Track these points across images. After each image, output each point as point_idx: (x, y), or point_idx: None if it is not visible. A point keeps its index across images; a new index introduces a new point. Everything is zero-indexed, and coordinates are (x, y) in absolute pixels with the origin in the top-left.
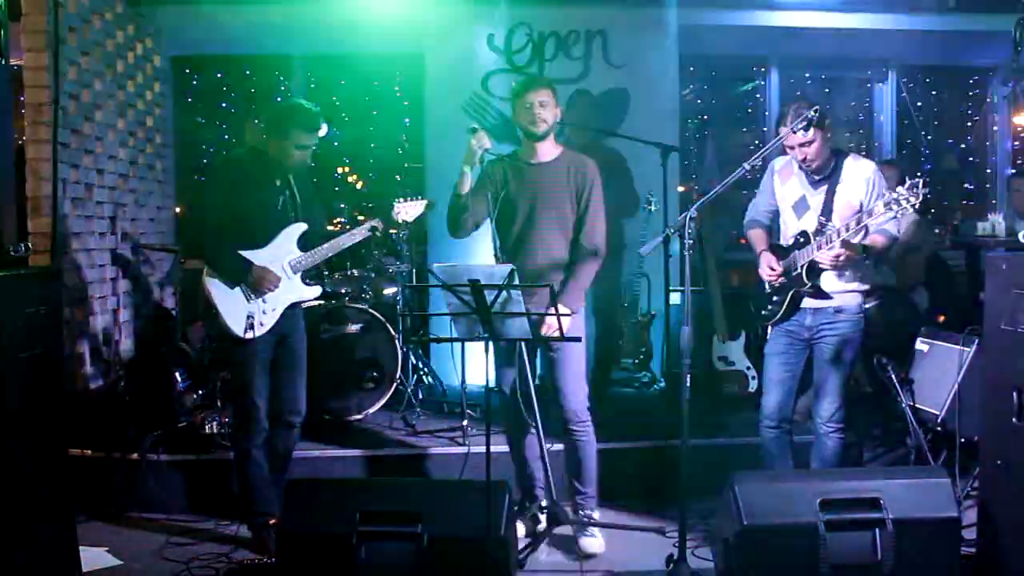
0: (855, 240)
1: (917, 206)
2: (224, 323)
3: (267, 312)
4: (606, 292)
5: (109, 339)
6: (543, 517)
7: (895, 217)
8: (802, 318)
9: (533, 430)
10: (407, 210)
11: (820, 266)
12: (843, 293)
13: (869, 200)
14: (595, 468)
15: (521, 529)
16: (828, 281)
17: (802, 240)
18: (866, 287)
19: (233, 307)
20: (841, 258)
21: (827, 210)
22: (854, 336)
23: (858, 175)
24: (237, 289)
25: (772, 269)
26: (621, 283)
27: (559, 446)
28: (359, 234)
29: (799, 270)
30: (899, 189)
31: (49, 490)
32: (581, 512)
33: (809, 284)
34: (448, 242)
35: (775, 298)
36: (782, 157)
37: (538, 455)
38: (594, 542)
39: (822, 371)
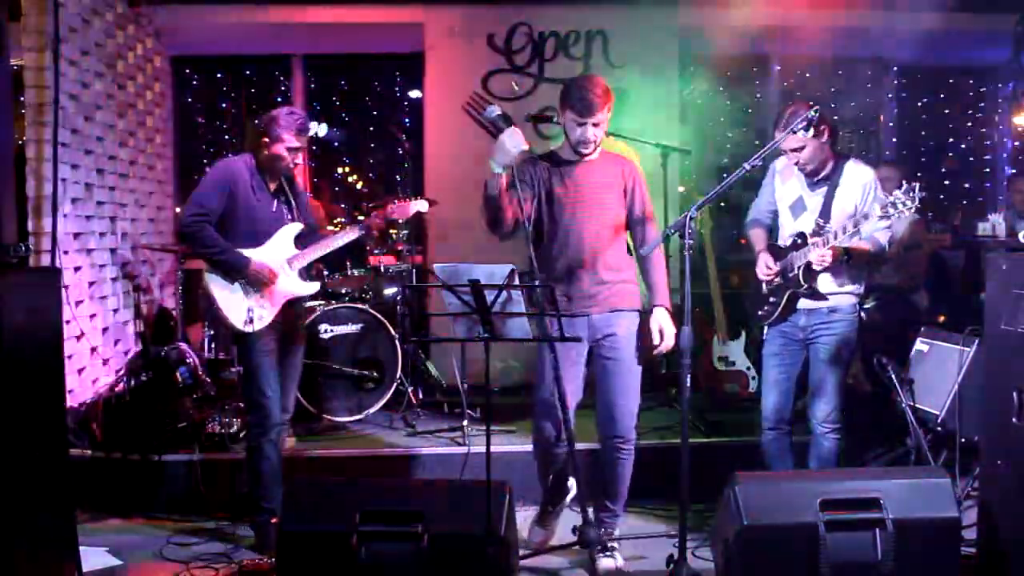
0: (847, 243)
1: (913, 211)
2: (224, 317)
3: (265, 307)
4: None
5: (109, 339)
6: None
7: (890, 225)
8: (797, 319)
9: (564, 444)
10: (400, 209)
11: (812, 266)
12: (838, 294)
13: (864, 205)
14: (627, 487)
15: (540, 534)
16: (824, 283)
17: (799, 242)
18: (861, 289)
19: (233, 301)
20: (826, 259)
21: (824, 212)
22: (849, 336)
23: (856, 180)
24: (236, 284)
25: (768, 268)
26: None
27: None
28: (354, 232)
29: (796, 271)
30: (896, 193)
31: (49, 490)
32: (604, 529)
33: (806, 286)
34: (448, 242)
35: (771, 299)
36: (784, 157)
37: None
38: (611, 562)
39: (818, 372)
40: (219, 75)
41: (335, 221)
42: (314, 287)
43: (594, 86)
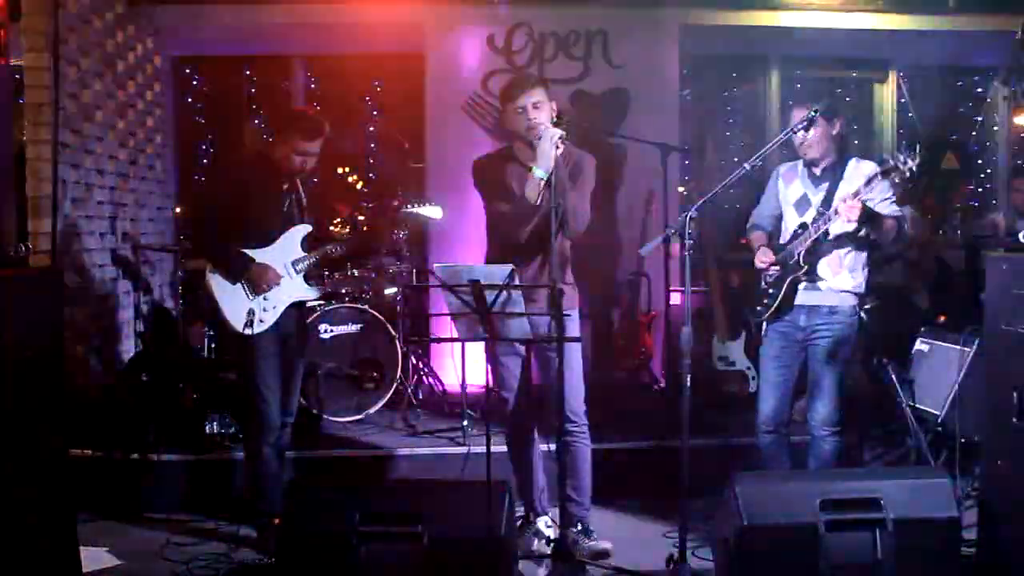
0: (855, 211)
1: (914, 168)
2: (224, 318)
3: (268, 310)
4: (604, 292)
5: (109, 339)
6: (548, 531)
7: (894, 202)
8: (796, 318)
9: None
10: (412, 216)
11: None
12: (839, 292)
13: (870, 193)
14: (590, 475)
15: (535, 541)
16: (826, 272)
17: (800, 232)
18: (862, 288)
19: (234, 303)
20: (854, 210)
21: (827, 205)
22: (849, 337)
23: (859, 173)
24: (238, 286)
25: (765, 258)
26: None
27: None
28: (362, 241)
29: (796, 257)
30: (895, 152)
31: (49, 490)
32: (578, 525)
33: (805, 268)
34: (448, 242)
35: (771, 291)
36: (787, 163)
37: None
38: (598, 545)
39: (817, 373)
40: (219, 75)
41: (335, 222)
42: (316, 292)
43: (522, 72)
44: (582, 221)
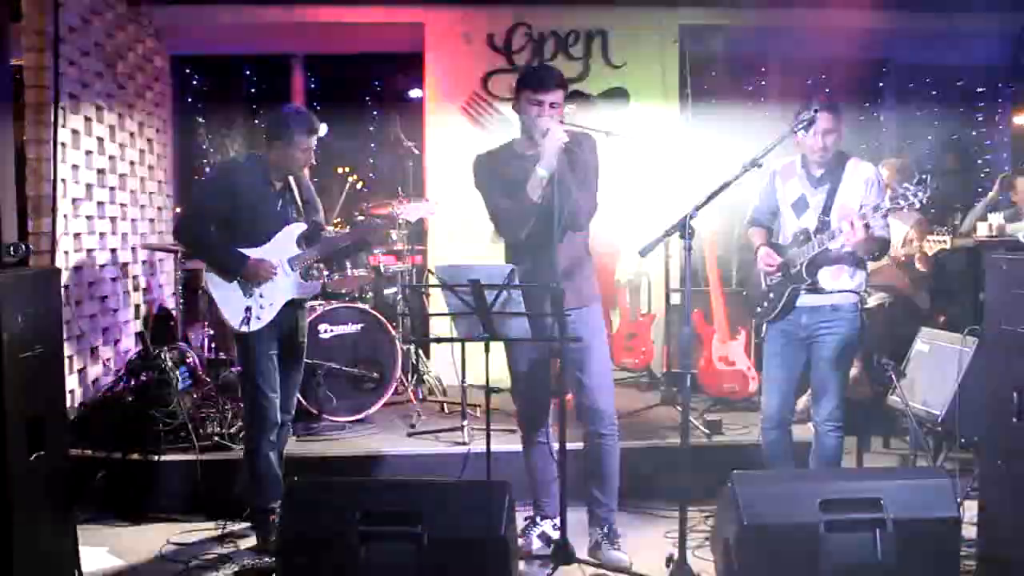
0: (860, 233)
1: (924, 201)
2: (222, 316)
3: (264, 307)
4: (604, 292)
5: (109, 339)
6: (555, 534)
7: (901, 208)
8: (798, 317)
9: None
10: (408, 211)
11: (831, 254)
12: (841, 292)
13: (868, 199)
14: (618, 478)
15: (536, 543)
16: (827, 279)
17: (802, 238)
18: (863, 287)
19: (231, 301)
20: (858, 234)
21: (827, 209)
22: (852, 335)
23: (858, 176)
24: (235, 283)
25: (770, 260)
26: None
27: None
28: (355, 235)
29: (798, 267)
30: (906, 184)
31: (49, 490)
32: (601, 528)
33: (808, 280)
34: (448, 242)
35: (771, 295)
36: (783, 159)
37: (556, 473)
38: (620, 555)
39: (819, 370)
40: (219, 75)
41: (334, 221)
42: (315, 287)
43: (550, 67)
44: (586, 212)
